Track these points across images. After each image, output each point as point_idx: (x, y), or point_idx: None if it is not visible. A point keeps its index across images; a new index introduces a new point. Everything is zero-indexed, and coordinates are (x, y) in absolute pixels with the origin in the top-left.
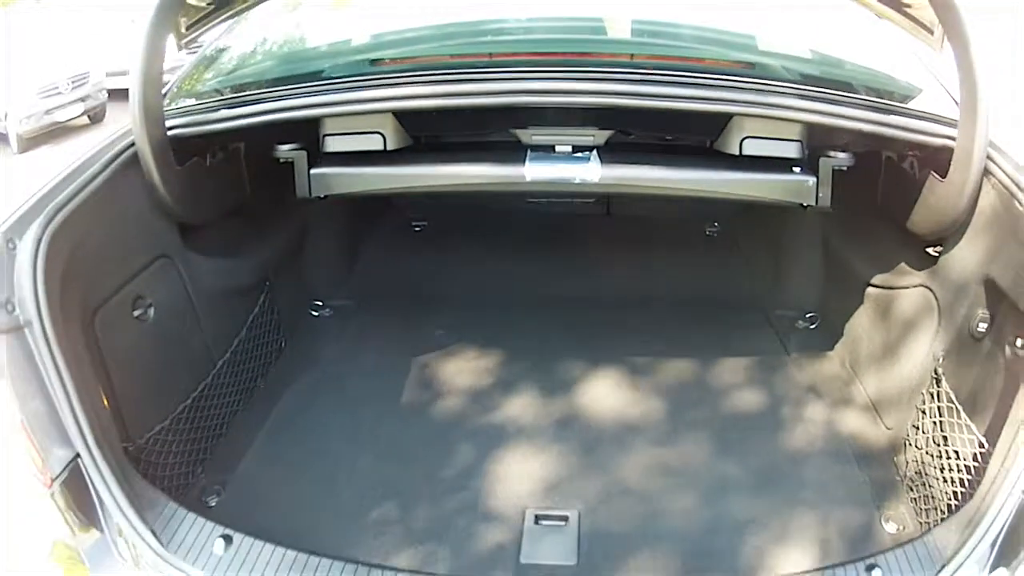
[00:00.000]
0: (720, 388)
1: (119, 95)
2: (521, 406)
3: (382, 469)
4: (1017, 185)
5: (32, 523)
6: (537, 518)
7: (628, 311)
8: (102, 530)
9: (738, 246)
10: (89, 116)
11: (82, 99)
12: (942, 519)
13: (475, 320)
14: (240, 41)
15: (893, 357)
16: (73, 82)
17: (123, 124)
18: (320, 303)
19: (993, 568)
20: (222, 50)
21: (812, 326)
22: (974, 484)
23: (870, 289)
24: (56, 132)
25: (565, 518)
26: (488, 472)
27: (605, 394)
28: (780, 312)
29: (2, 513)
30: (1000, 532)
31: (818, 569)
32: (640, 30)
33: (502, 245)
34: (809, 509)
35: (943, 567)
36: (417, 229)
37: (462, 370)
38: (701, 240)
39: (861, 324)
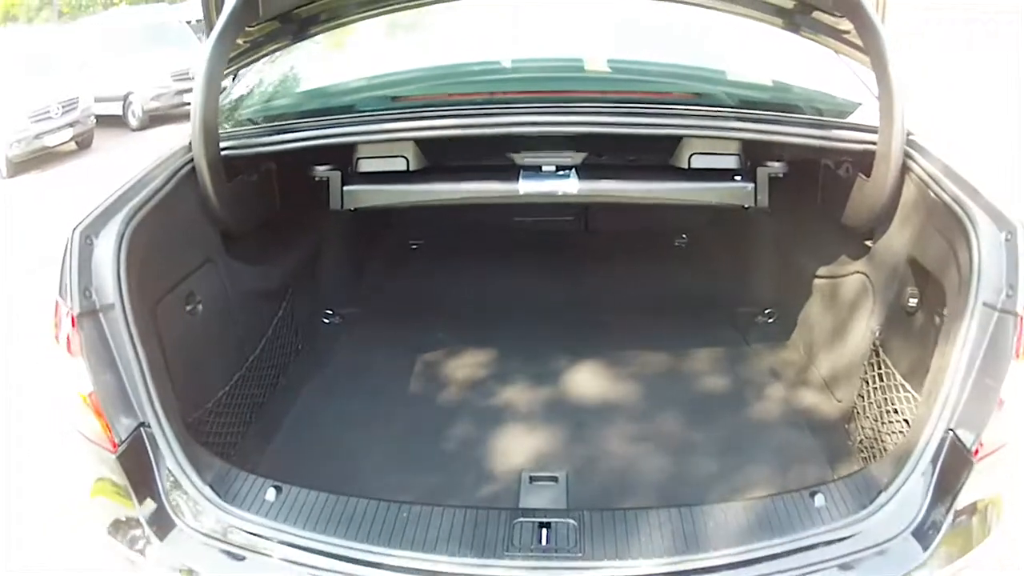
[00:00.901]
0: (688, 373)
1: (107, 121)
2: (515, 392)
3: (396, 447)
4: (932, 178)
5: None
6: (532, 478)
7: (606, 312)
8: (158, 492)
9: (704, 255)
10: (77, 142)
11: (71, 124)
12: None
13: (470, 323)
14: (273, 76)
15: (839, 338)
16: (63, 107)
17: (180, 141)
18: (331, 311)
19: (933, 504)
20: (258, 83)
21: (770, 320)
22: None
23: (817, 281)
24: (44, 157)
25: (555, 478)
26: (488, 445)
27: (588, 380)
28: (742, 309)
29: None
30: (933, 465)
31: (768, 495)
32: (610, 69)
33: (491, 259)
34: (768, 467)
35: (879, 493)
36: (414, 247)
37: (461, 364)
38: (671, 251)
39: (812, 313)
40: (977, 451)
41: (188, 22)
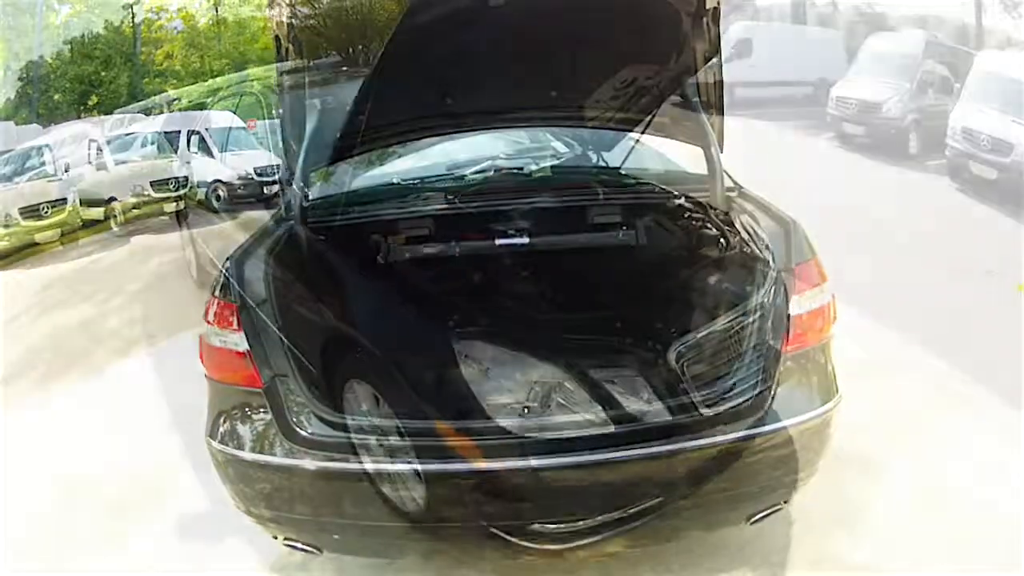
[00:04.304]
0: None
1: (90, 226)
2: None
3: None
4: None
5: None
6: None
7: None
8: (289, 415)
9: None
10: (62, 243)
11: (59, 224)
12: None
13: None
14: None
15: None
16: (52, 206)
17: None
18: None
19: (763, 385)
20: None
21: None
22: None
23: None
24: (30, 255)
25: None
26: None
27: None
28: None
29: None
30: (756, 362)
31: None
32: (547, 172)
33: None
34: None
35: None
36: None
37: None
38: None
39: None
40: (784, 347)
41: (159, 133)
